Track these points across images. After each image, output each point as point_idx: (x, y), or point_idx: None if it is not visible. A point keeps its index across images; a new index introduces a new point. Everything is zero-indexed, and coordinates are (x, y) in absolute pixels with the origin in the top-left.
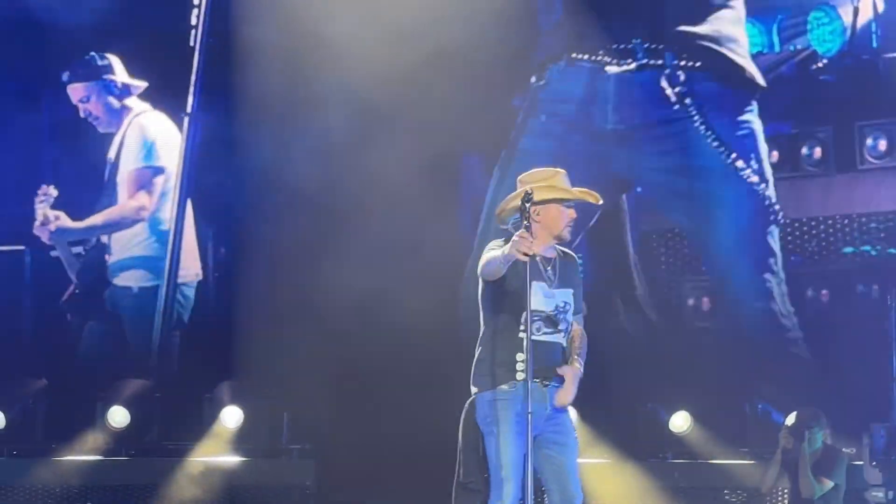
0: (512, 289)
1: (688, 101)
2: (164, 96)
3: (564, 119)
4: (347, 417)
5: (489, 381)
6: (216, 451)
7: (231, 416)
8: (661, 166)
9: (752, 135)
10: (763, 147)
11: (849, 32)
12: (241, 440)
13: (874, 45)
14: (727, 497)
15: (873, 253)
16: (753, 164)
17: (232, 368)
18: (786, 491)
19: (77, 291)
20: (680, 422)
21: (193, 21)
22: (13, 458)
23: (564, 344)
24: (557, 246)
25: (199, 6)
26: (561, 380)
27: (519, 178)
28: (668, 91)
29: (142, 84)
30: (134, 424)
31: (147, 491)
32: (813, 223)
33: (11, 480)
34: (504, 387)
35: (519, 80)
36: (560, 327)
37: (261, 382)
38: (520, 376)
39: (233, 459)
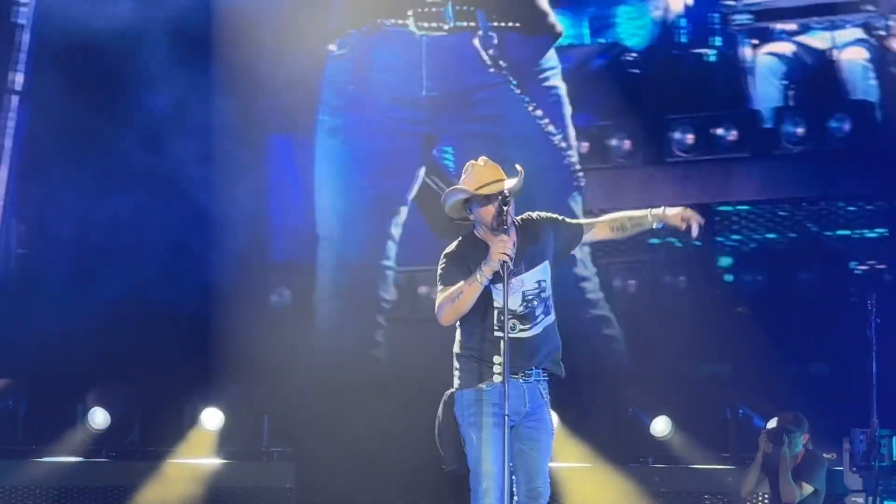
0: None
1: (502, 63)
2: None
3: (371, 88)
4: (328, 420)
5: (467, 379)
6: (196, 454)
7: (211, 419)
8: (478, 132)
9: (559, 100)
10: (567, 112)
11: (658, 27)
12: (222, 443)
13: (683, 40)
14: (708, 502)
15: (678, 244)
16: (561, 129)
17: (213, 371)
18: (766, 495)
19: None
20: (661, 426)
21: None
22: None
23: (548, 323)
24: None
25: None
26: (539, 373)
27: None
28: (483, 54)
29: None
30: (114, 426)
31: (127, 493)
32: None
33: None
34: (482, 385)
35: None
36: (537, 313)
37: (242, 385)
38: (497, 378)
39: (213, 462)
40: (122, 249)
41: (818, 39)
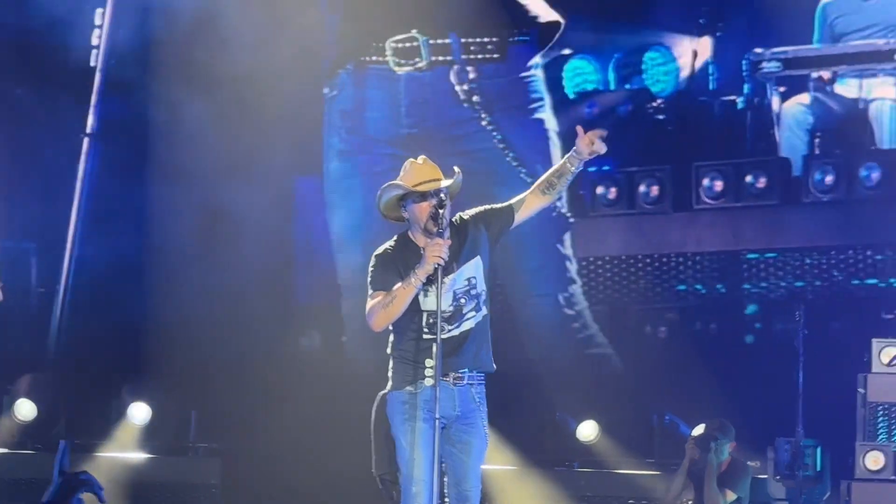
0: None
1: (475, 98)
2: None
3: (363, 129)
4: (256, 418)
5: (398, 381)
6: (123, 448)
7: (139, 413)
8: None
9: (542, 136)
10: (555, 152)
11: (685, 74)
12: (149, 437)
13: (711, 87)
14: None
15: (703, 291)
16: (539, 168)
17: (141, 365)
18: (690, 502)
19: None
20: (587, 431)
21: (95, 42)
22: None
23: (479, 320)
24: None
25: (101, 26)
26: (473, 376)
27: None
28: (458, 88)
29: None
30: (41, 418)
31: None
32: (648, 260)
33: None
34: (411, 388)
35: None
36: (465, 311)
37: (170, 380)
38: (429, 381)
39: (140, 456)
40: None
41: (847, 88)
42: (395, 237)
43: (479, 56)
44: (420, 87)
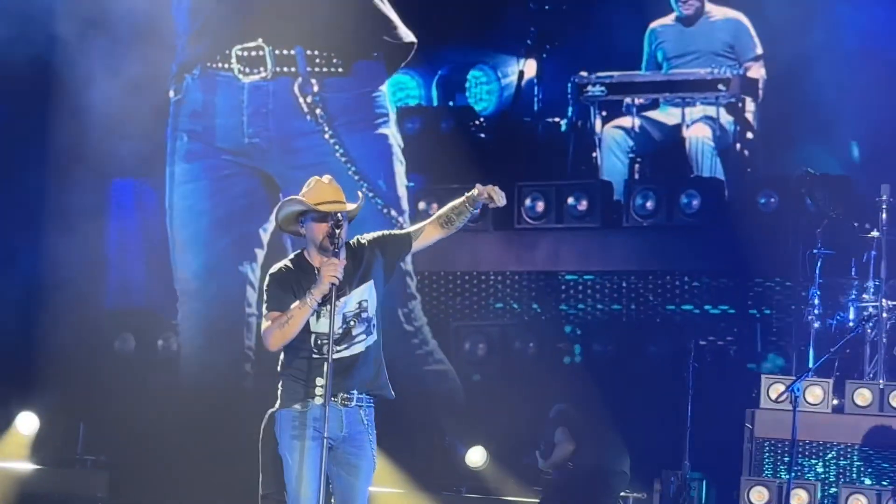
0: None
1: (318, 111)
2: None
3: (204, 136)
4: (144, 431)
5: (286, 399)
6: (9, 457)
7: (26, 423)
8: (301, 180)
9: (386, 152)
10: (398, 167)
11: (510, 94)
12: (36, 448)
13: (535, 108)
14: None
15: (519, 310)
16: (381, 184)
17: (31, 375)
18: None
19: None
20: (476, 457)
21: None
22: None
23: (370, 343)
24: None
25: None
26: (362, 399)
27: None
28: (300, 101)
29: None
30: None
31: None
32: (466, 277)
33: None
34: (298, 406)
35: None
36: (354, 333)
37: (59, 391)
38: (318, 400)
39: (26, 467)
40: None
41: (668, 115)
42: (290, 256)
43: (324, 70)
44: (263, 97)
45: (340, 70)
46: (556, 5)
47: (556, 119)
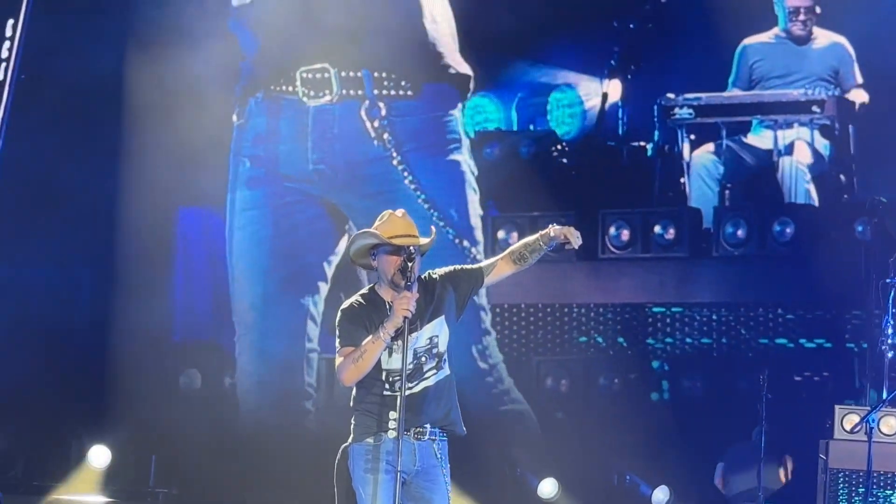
0: None
1: (386, 136)
2: None
3: (267, 162)
4: (216, 465)
5: (358, 433)
6: (81, 490)
7: (98, 456)
8: (369, 209)
9: (458, 179)
10: (471, 195)
11: (593, 117)
12: (108, 481)
13: (620, 131)
14: None
15: (603, 344)
16: (453, 213)
17: (103, 408)
18: None
19: None
20: (548, 488)
21: (4, 54)
22: None
23: (440, 378)
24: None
25: (12, 38)
26: (435, 432)
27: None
28: (367, 125)
29: None
30: None
31: None
32: (549, 310)
33: None
34: (370, 440)
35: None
36: (425, 369)
37: (131, 424)
38: (391, 434)
39: (98, 500)
40: (17, 278)
41: (761, 139)
42: (361, 291)
43: (392, 92)
44: (328, 122)
45: (409, 93)
46: (642, 24)
47: (642, 143)
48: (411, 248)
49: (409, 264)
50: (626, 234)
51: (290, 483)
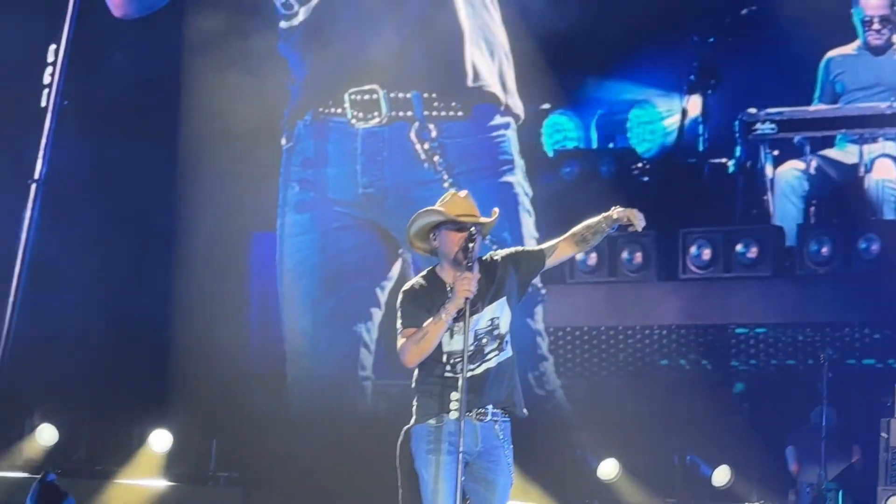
0: None
1: (437, 158)
2: None
3: (315, 186)
4: (278, 448)
5: (420, 415)
6: (143, 475)
7: (160, 440)
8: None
9: (511, 201)
10: (525, 218)
11: (673, 134)
12: (169, 465)
13: (700, 148)
14: None
15: (687, 367)
16: (507, 236)
17: (164, 393)
18: None
19: None
20: (608, 469)
21: (47, 80)
22: None
23: (502, 360)
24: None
25: (54, 63)
26: (497, 413)
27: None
28: (417, 147)
29: None
30: (62, 443)
31: None
32: (629, 332)
33: None
34: (432, 421)
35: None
36: (486, 351)
37: (192, 408)
38: (453, 415)
39: (160, 484)
40: (83, 265)
41: (845, 153)
42: (422, 273)
43: (443, 113)
44: (378, 144)
45: (460, 114)
46: (722, 38)
47: (724, 160)
48: (473, 227)
49: (471, 244)
50: (707, 254)
51: (351, 466)
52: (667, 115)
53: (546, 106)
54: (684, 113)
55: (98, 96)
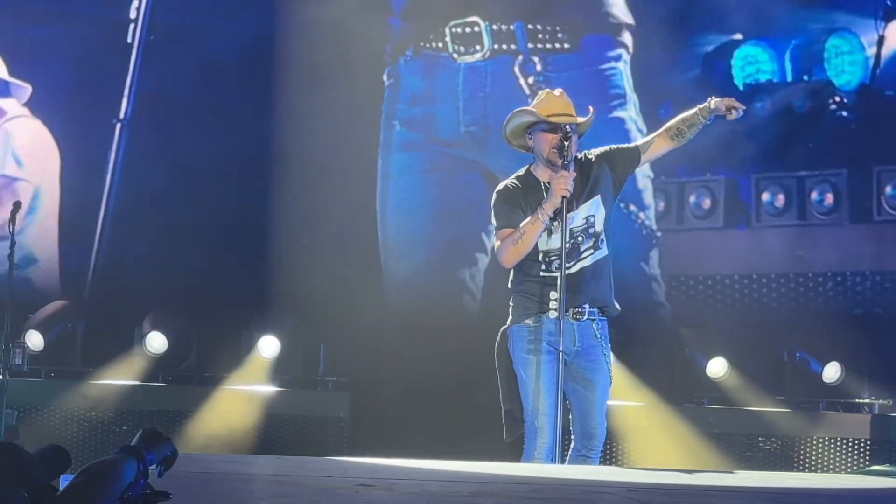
0: None
1: None
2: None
3: (418, 124)
4: (386, 353)
5: (517, 315)
6: (252, 381)
7: (268, 346)
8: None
9: (622, 139)
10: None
11: (871, 64)
12: (277, 370)
13: None
14: (761, 444)
15: (886, 317)
16: None
17: (271, 299)
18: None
19: None
20: (717, 367)
21: (133, 14)
22: (50, 380)
23: (597, 258)
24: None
25: None
26: (593, 312)
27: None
28: (522, 82)
29: (25, 86)
30: (171, 351)
31: (182, 417)
32: (820, 279)
33: (48, 402)
34: (529, 321)
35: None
36: (582, 249)
37: (299, 314)
38: (551, 314)
39: (268, 389)
40: (190, 175)
41: None
42: (517, 173)
43: (548, 46)
44: (480, 79)
45: (567, 46)
46: None
47: None
48: (568, 126)
49: (566, 143)
50: None
51: (454, 367)
52: (869, 45)
53: (737, 36)
54: (880, 41)
55: (188, 29)
